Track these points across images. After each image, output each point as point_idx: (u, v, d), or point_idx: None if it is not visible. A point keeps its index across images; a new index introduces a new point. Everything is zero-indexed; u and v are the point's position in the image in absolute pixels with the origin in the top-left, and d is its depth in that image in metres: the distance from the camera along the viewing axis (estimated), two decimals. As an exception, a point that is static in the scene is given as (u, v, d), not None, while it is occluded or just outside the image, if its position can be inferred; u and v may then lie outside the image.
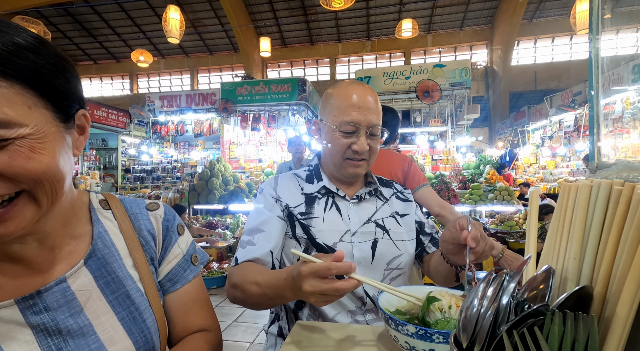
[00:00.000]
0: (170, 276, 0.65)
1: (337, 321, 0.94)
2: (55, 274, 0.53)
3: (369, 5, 12.28)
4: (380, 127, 1.00)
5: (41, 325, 0.50)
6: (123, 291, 0.58)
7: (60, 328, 0.51)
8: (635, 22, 8.60)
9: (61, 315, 0.51)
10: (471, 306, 0.40)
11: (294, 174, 1.10)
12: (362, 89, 0.99)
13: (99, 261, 0.58)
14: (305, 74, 15.45)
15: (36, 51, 0.44)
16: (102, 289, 0.56)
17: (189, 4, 12.08)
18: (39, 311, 0.50)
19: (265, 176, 6.45)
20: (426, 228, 1.11)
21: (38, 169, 0.44)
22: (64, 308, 0.52)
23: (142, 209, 0.66)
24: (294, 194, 1.04)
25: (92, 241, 0.58)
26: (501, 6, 12.68)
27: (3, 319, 0.48)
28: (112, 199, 0.66)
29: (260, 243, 0.95)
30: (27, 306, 0.50)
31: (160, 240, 0.65)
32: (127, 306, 0.58)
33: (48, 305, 0.51)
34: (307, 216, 1.00)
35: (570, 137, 8.16)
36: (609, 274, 0.41)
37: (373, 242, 1.00)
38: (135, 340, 0.56)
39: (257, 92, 6.40)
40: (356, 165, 1.00)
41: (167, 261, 0.66)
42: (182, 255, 0.68)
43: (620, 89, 5.69)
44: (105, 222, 0.62)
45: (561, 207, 0.52)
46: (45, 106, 0.45)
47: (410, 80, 5.98)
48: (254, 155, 7.59)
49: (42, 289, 0.51)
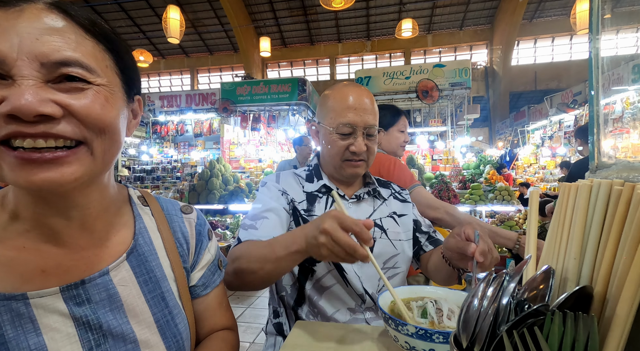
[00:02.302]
0: (203, 280, 0.64)
1: (336, 318, 0.94)
2: (98, 264, 0.51)
3: (369, 5, 12.28)
4: (377, 127, 1.01)
5: (83, 318, 0.47)
6: (159, 292, 0.56)
7: (101, 323, 0.48)
8: (635, 22, 8.60)
9: (102, 309, 0.49)
10: (471, 306, 0.40)
11: (294, 173, 1.10)
12: (358, 90, 1.00)
13: (140, 258, 0.56)
14: (305, 74, 15.46)
15: (110, 28, 0.49)
16: (141, 287, 0.54)
17: (189, 4, 12.08)
18: (81, 302, 0.48)
19: (265, 176, 6.45)
20: (423, 227, 1.12)
21: (107, 119, 0.46)
22: (105, 302, 0.50)
23: (177, 210, 0.65)
24: (296, 190, 1.05)
25: (135, 236, 0.57)
26: (501, 6, 12.68)
27: (47, 308, 0.46)
28: (148, 196, 0.65)
29: (263, 229, 0.93)
30: (70, 296, 0.47)
31: (193, 245, 0.64)
32: (162, 309, 0.55)
33: (91, 297, 0.49)
34: (309, 213, 1.01)
35: (570, 137, 8.16)
36: (609, 274, 0.41)
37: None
38: (168, 345, 0.54)
39: (257, 92, 6.39)
40: (355, 166, 1.01)
41: (199, 267, 0.65)
42: (212, 260, 0.67)
43: (620, 89, 5.69)
44: (145, 218, 0.60)
45: (561, 207, 0.52)
46: (117, 72, 0.49)
47: (410, 80, 5.97)
48: (254, 155, 7.59)
49: (86, 279, 0.49)
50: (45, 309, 0.46)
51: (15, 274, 0.45)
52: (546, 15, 13.16)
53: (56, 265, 0.48)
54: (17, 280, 0.45)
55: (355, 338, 0.76)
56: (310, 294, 0.96)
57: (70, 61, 0.42)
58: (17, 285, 0.45)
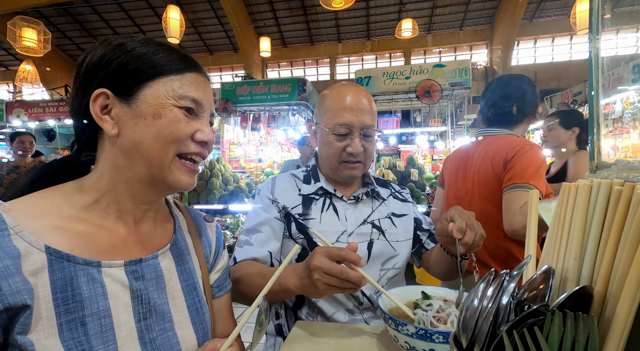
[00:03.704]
0: (218, 282, 0.74)
1: (336, 318, 0.95)
2: (151, 249, 0.62)
3: (369, 5, 12.27)
4: (375, 128, 1.00)
5: (137, 291, 0.57)
6: (191, 282, 0.66)
7: (150, 299, 0.58)
8: (635, 22, 8.61)
9: (151, 287, 0.59)
10: (471, 306, 0.40)
11: (291, 175, 1.10)
12: (355, 90, 0.99)
13: (178, 251, 0.67)
14: (305, 74, 15.44)
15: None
16: (179, 275, 0.65)
17: (189, 4, 12.07)
18: (138, 277, 0.58)
19: (265, 176, 6.44)
20: (424, 224, 1.12)
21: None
22: (154, 281, 0.60)
23: (202, 219, 0.77)
24: (291, 195, 1.04)
25: (175, 232, 0.68)
26: (501, 6, 12.67)
27: (113, 277, 0.55)
28: (178, 202, 0.77)
29: (257, 243, 0.96)
30: (131, 270, 0.57)
31: (214, 249, 0.75)
32: (193, 297, 0.65)
33: (145, 274, 0.59)
34: (305, 216, 1.00)
35: (571, 137, 8.15)
36: (609, 274, 0.41)
37: (369, 243, 1.01)
38: (196, 329, 0.63)
39: (257, 92, 6.39)
40: (352, 167, 1.00)
41: (216, 270, 0.75)
42: (225, 266, 0.77)
43: (620, 89, 5.69)
44: (180, 219, 0.72)
45: (561, 207, 0.52)
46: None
47: (410, 80, 5.97)
48: (254, 155, 7.58)
49: (143, 258, 0.60)
50: (112, 278, 0.55)
51: (93, 246, 0.56)
52: (546, 15, 13.14)
53: (123, 243, 0.59)
54: (94, 250, 0.55)
55: (355, 338, 0.76)
56: (309, 296, 0.97)
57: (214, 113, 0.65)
58: (94, 255, 0.55)
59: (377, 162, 4.92)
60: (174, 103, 0.58)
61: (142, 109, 0.57)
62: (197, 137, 0.60)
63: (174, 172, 0.59)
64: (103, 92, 0.57)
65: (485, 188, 1.37)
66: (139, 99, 0.57)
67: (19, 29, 6.09)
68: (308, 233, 0.98)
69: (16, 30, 6.08)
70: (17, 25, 6.09)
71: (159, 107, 0.57)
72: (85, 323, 0.50)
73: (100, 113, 0.57)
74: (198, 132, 0.61)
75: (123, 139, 0.58)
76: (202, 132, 0.61)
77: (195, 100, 0.60)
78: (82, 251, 0.54)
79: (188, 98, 0.59)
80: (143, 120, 0.57)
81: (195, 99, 0.60)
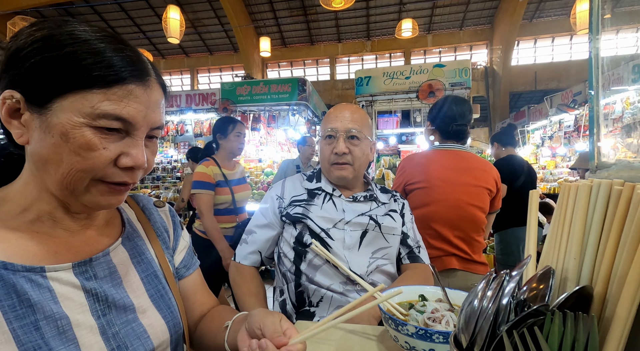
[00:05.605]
0: (184, 263, 0.74)
1: (332, 289, 1.03)
2: (100, 247, 0.60)
3: (369, 5, 12.27)
4: (361, 134, 1.11)
5: (92, 290, 0.55)
6: (152, 271, 0.65)
7: (106, 296, 0.56)
8: (635, 22, 8.60)
9: (105, 285, 0.57)
10: (471, 306, 0.40)
11: (301, 175, 1.26)
12: (345, 105, 1.16)
13: (131, 243, 0.65)
14: (305, 74, 15.44)
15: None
16: (136, 267, 0.63)
17: (189, 4, 12.07)
18: (90, 277, 0.56)
19: (265, 176, 6.44)
20: (409, 240, 1.20)
21: (153, 162, 0.58)
22: (108, 278, 0.58)
23: (152, 205, 0.75)
24: (297, 188, 1.20)
25: (124, 225, 0.66)
26: (501, 6, 12.67)
27: (61, 280, 0.52)
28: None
29: (252, 243, 1.16)
30: (80, 272, 0.55)
31: (171, 233, 0.74)
32: (156, 285, 0.65)
33: (97, 273, 0.57)
34: (308, 202, 1.14)
35: (570, 137, 8.15)
36: (609, 274, 0.41)
37: (363, 232, 1.10)
38: (164, 315, 0.63)
39: (257, 92, 6.39)
40: (340, 168, 1.12)
41: (178, 251, 0.75)
42: (188, 246, 0.78)
43: (621, 89, 5.69)
44: (127, 210, 0.70)
45: (561, 207, 0.52)
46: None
47: (411, 80, 5.97)
48: (254, 155, 7.58)
49: (93, 257, 0.57)
50: (60, 281, 0.52)
51: (31, 253, 0.52)
52: (546, 15, 13.14)
53: (67, 247, 0.56)
54: (34, 257, 0.52)
55: (355, 338, 0.76)
56: (306, 272, 1.06)
57: (161, 126, 0.56)
58: (36, 260, 0.51)
59: (377, 163, 4.92)
60: (88, 123, 0.48)
61: (51, 123, 0.48)
62: (121, 163, 0.51)
63: (92, 194, 0.52)
64: (12, 95, 0.48)
65: (477, 199, 1.63)
66: (51, 111, 0.48)
67: (19, 29, 6.09)
68: (308, 216, 1.09)
69: (16, 30, 6.08)
70: (17, 26, 6.10)
71: (68, 126, 0.47)
72: (39, 327, 0.48)
73: (8, 117, 0.49)
74: (122, 157, 0.51)
75: (32, 150, 0.51)
76: (128, 157, 0.51)
77: (120, 118, 0.49)
78: (21, 259, 0.50)
79: (110, 117, 0.48)
80: (51, 137, 0.48)
81: (121, 117, 0.49)
